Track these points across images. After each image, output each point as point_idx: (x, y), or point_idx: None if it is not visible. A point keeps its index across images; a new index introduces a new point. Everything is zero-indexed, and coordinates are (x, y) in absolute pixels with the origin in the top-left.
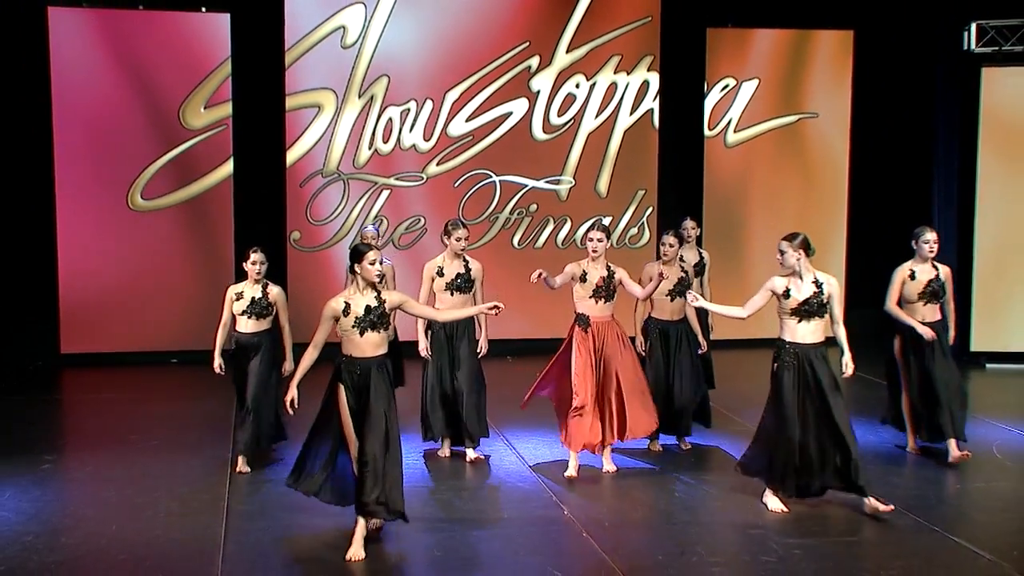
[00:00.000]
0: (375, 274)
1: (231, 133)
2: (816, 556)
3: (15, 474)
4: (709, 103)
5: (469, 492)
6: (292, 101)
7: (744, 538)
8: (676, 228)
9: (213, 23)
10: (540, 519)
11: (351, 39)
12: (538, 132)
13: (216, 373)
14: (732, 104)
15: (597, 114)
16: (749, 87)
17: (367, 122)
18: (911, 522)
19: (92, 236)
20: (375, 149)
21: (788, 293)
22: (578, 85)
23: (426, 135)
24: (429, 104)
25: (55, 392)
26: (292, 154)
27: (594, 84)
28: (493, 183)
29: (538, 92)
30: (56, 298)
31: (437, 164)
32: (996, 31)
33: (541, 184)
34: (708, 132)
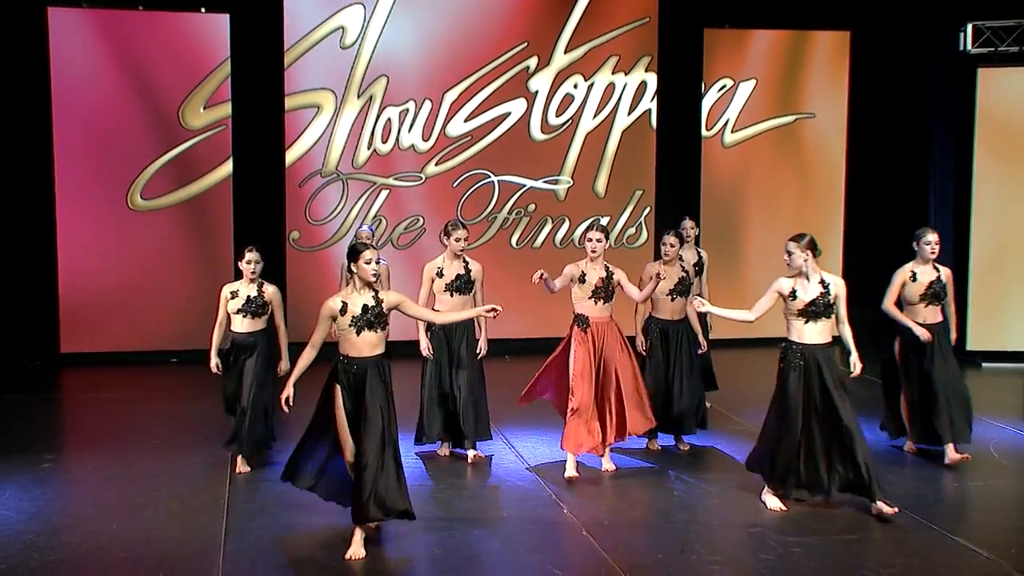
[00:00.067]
0: (371, 273)
1: (230, 133)
2: (815, 555)
3: (15, 473)
4: (706, 103)
5: (468, 491)
6: (291, 101)
7: (744, 537)
8: (675, 228)
9: (212, 23)
10: (540, 518)
11: (350, 39)
12: (536, 132)
13: (214, 373)
14: (729, 104)
15: (595, 114)
16: (746, 87)
17: (366, 122)
18: (910, 521)
19: (92, 236)
20: (374, 149)
21: (795, 294)
22: (576, 85)
23: (425, 135)
24: (428, 104)
25: (55, 391)
26: (291, 154)
27: (592, 84)
28: (491, 183)
29: (536, 92)
30: (56, 298)
31: (436, 164)
32: (992, 32)
33: (539, 184)
34: (705, 132)
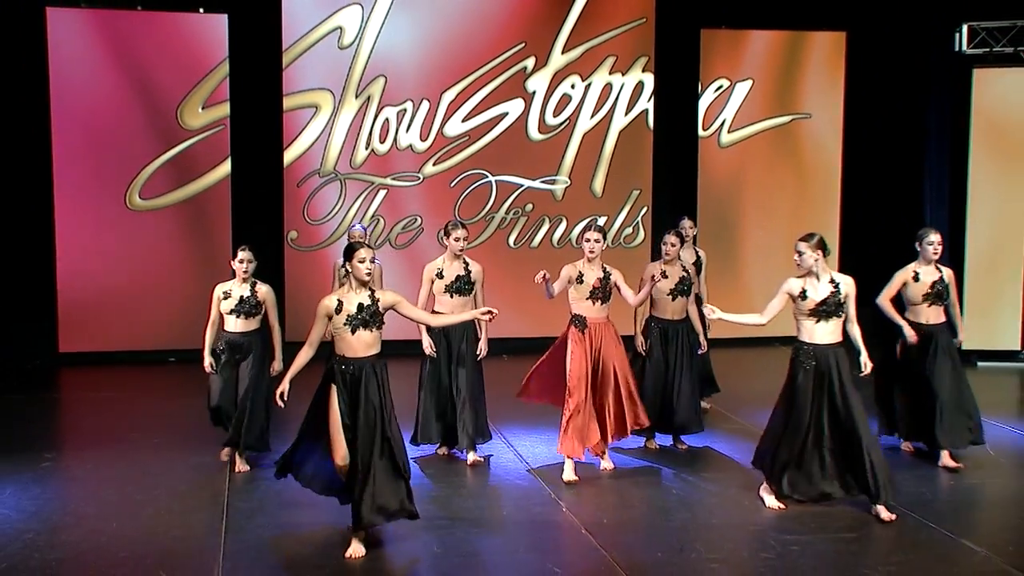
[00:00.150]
0: (364, 272)
1: (229, 133)
2: (814, 553)
3: (15, 472)
4: (703, 104)
5: (468, 491)
6: (289, 101)
7: (743, 535)
8: (674, 228)
9: (211, 24)
10: (539, 517)
11: (348, 40)
12: (534, 132)
13: (207, 372)
14: (726, 105)
15: (592, 114)
16: (743, 88)
17: (364, 122)
18: (908, 519)
19: (90, 235)
20: (372, 149)
21: (805, 294)
22: (573, 86)
23: (423, 135)
24: (426, 104)
25: (54, 391)
26: (289, 154)
27: (589, 85)
28: (489, 183)
29: (534, 93)
30: (54, 297)
31: (433, 164)
32: (987, 32)
33: (537, 184)
34: (702, 132)
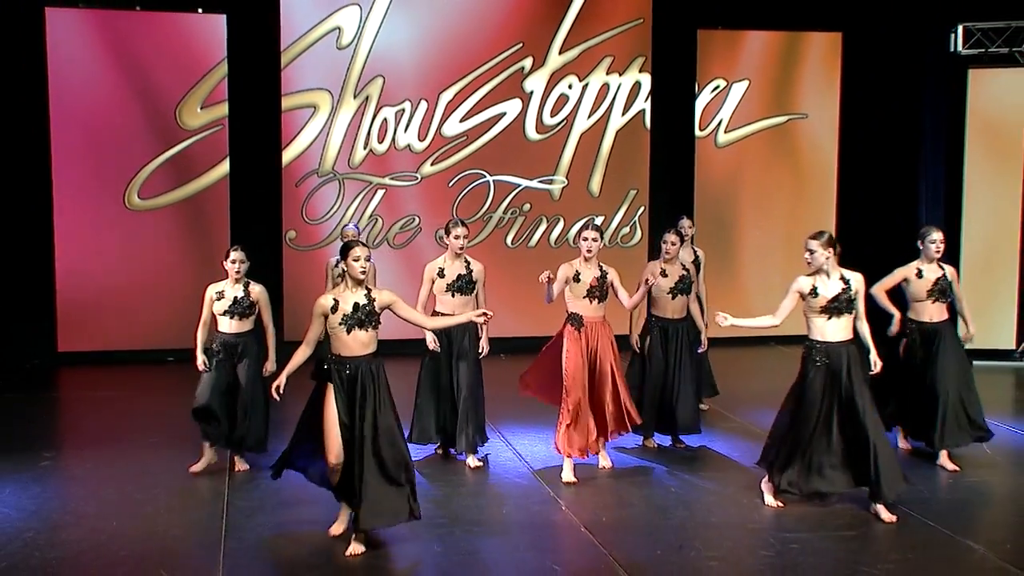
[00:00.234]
0: (359, 270)
1: (227, 133)
2: (813, 551)
3: (15, 471)
4: (700, 104)
5: (467, 489)
6: (288, 101)
7: (742, 533)
8: (673, 227)
9: (209, 24)
10: (538, 515)
11: (346, 40)
12: (531, 132)
13: (201, 371)
14: (723, 105)
15: (590, 114)
16: (739, 88)
17: (362, 122)
18: (906, 516)
19: (89, 235)
20: (370, 149)
21: (816, 291)
22: (571, 86)
23: (421, 135)
24: (424, 104)
25: (52, 390)
26: (288, 154)
27: (587, 85)
28: (487, 183)
29: (531, 93)
30: (53, 297)
31: (431, 164)
32: (982, 33)
33: (534, 184)
34: (699, 132)
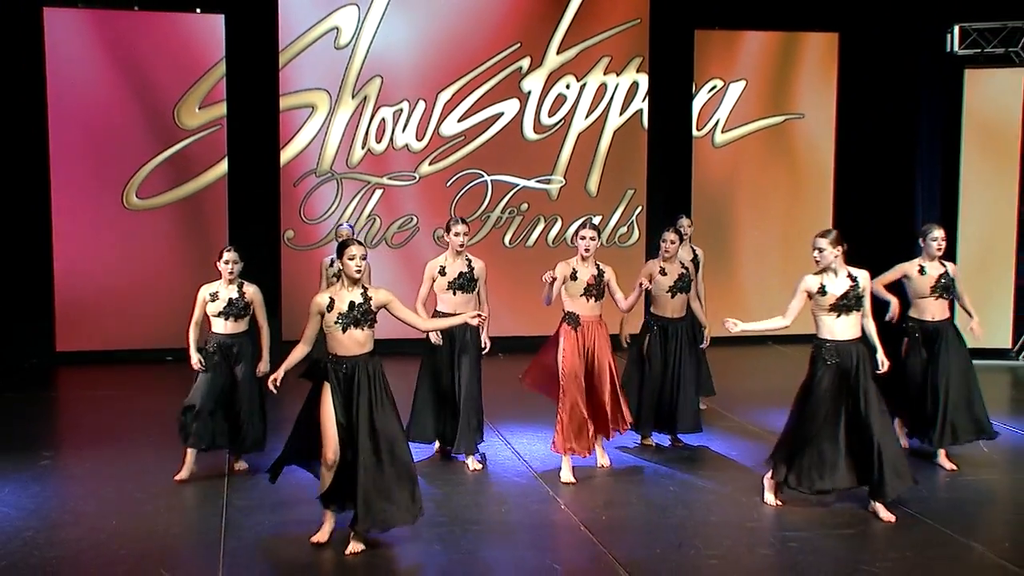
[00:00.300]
0: (354, 269)
1: (225, 133)
2: (812, 549)
3: (14, 470)
4: (697, 104)
5: (466, 489)
6: (286, 101)
7: (741, 532)
8: (672, 226)
9: (208, 24)
10: (537, 514)
11: (344, 40)
12: (529, 132)
13: (196, 369)
14: (720, 105)
15: (587, 114)
16: (736, 88)
17: (360, 122)
18: (904, 515)
19: (87, 235)
20: (368, 149)
21: (824, 289)
22: (568, 86)
23: (418, 135)
24: (421, 104)
25: (51, 390)
26: (286, 154)
27: (584, 85)
28: (484, 183)
29: (529, 93)
30: (51, 296)
31: (429, 164)
32: (978, 33)
33: (532, 183)
34: (696, 132)
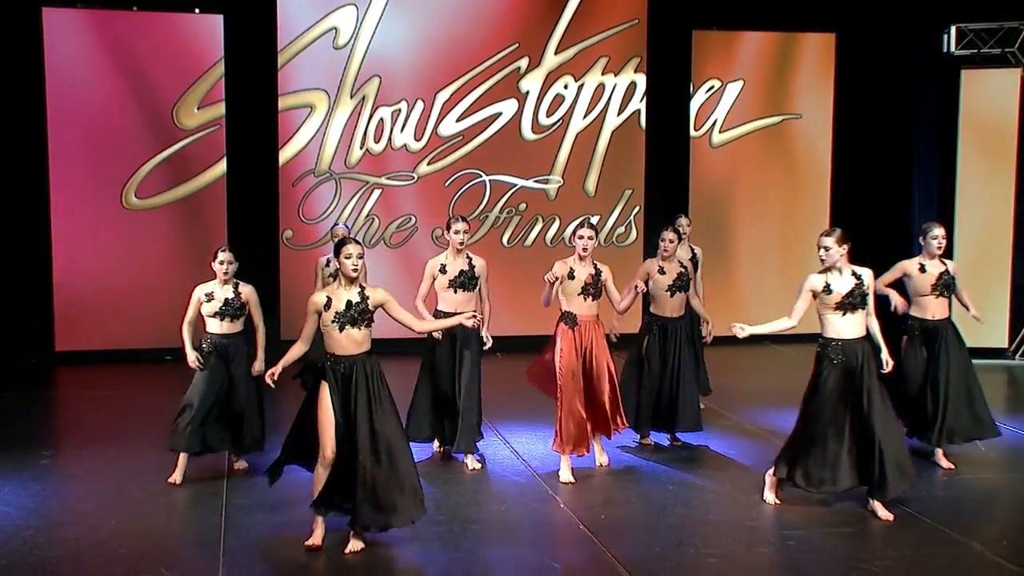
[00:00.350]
0: (350, 267)
1: (224, 133)
2: (810, 547)
3: (14, 469)
4: (695, 104)
5: (464, 487)
6: (284, 101)
7: (740, 530)
8: (671, 225)
9: (206, 24)
10: (536, 512)
11: (343, 40)
12: (527, 132)
13: (193, 367)
14: (717, 105)
15: (585, 114)
16: (734, 88)
17: (359, 122)
18: (902, 513)
19: (86, 235)
20: (366, 149)
21: (829, 288)
22: (566, 86)
23: (417, 135)
24: (420, 104)
25: (50, 389)
26: (284, 154)
27: (582, 85)
28: (483, 182)
29: (527, 93)
30: (50, 296)
31: (428, 164)
32: (975, 34)
33: (530, 183)
34: (694, 132)
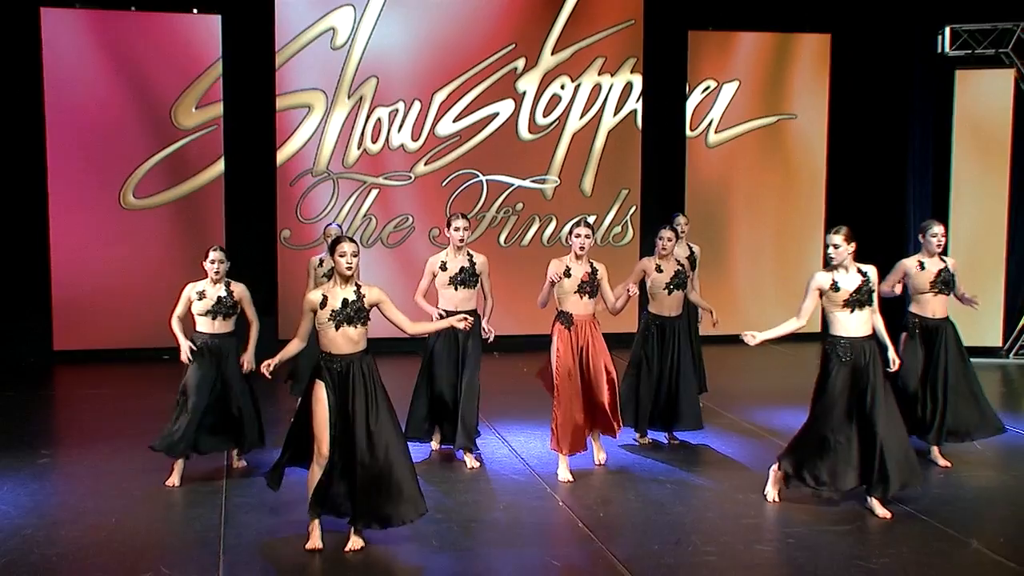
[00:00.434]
0: (344, 265)
1: (222, 133)
2: (809, 545)
3: (13, 469)
4: (691, 104)
5: (464, 485)
6: (282, 101)
7: (738, 528)
8: (669, 224)
9: (204, 24)
10: (535, 510)
11: (341, 40)
12: (524, 132)
13: (187, 362)
14: (713, 105)
15: (582, 115)
16: (730, 89)
17: (356, 122)
18: (900, 512)
19: (84, 234)
20: (364, 149)
21: (837, 285)
22: (563, 86)
23: (414, 135)
24: (417, 105)
25: (49, 388)
26: (282, 153)
27: (579, 85)
28: (480, 182)
29: (524, 93)
30: (49, 295)
31: (425, 164)
32: (969, 35)
33: (527, 183)
34: (690, 132)
